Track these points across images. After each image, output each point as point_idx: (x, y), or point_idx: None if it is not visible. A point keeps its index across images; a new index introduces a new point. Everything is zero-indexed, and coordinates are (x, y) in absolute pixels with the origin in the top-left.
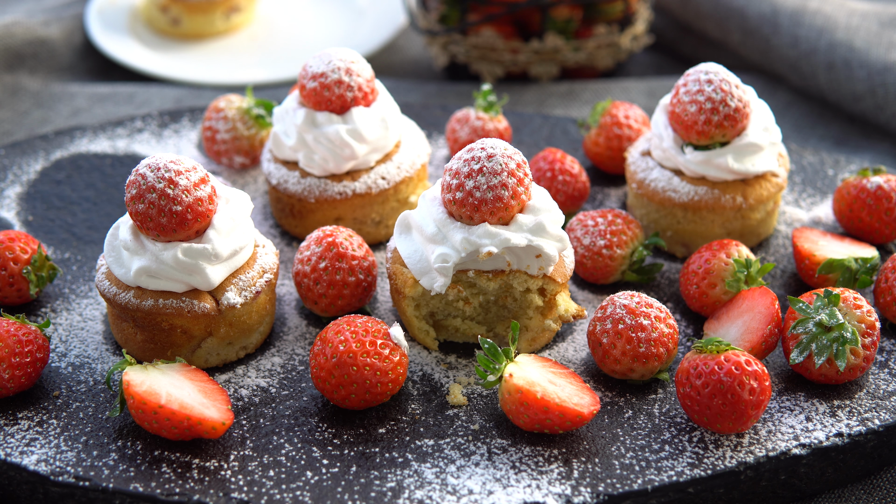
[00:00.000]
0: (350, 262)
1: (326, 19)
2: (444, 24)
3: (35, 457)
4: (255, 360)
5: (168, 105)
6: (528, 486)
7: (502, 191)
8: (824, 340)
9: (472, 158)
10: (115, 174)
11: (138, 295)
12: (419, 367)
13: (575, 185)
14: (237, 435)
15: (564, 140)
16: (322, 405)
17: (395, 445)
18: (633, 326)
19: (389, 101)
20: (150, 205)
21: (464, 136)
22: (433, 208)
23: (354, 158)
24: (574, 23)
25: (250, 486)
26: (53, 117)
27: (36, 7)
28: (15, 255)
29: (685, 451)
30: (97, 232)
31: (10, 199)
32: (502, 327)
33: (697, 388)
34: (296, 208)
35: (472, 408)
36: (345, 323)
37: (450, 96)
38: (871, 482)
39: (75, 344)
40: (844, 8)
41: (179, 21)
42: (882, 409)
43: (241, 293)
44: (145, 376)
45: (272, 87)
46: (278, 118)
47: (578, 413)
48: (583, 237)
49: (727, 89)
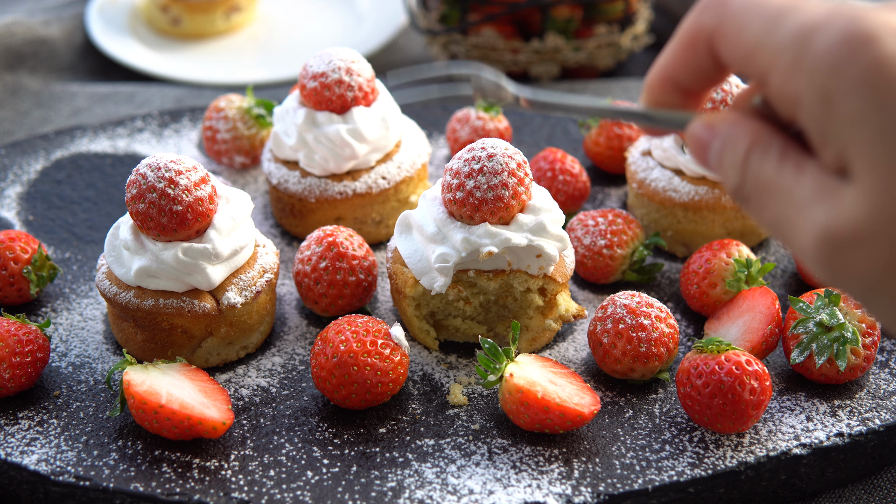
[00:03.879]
0: (350, 261)
1: (327, 19)
2: (444, 24)
3: (35, 456)
4: (256, 360)
5: (168, 105)
6: (529, 486)
7: (503, 190)
8: (825, 340)
9: (472, 158)
10: (116, 174)
11: (138, 295)
12: (419, 366)
13: (575, 184)
14: (237, 435)
15: (565, 140)
16: (322, 405)
17: (395, 445)
18: (634, 326)
19: (390, 101)
20: (151, 204)
21: (464, 135)
22: (433, 208)
23: (355, 158)
24: (574, 22)
25: (251, 486)
26: (54, 117)
27: (36, 7)
28: (15, 254)
29: (686, 450)
30: (97, 232)
31: (11, 199)
32: (503, 327)
33: (698, 388)
34: (296, 208)
35: (473, 408)
36: (345, 323)
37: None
38: (871, 482)
39: (76, 343)
40: None
41: (180, 21)
42: (882, 409)
43: (241, 293)
44: (146, 376)
45: (272, 87)
46: (279, 118)
47: (579, 413)
48: (583, 237)
49: (727, 89)
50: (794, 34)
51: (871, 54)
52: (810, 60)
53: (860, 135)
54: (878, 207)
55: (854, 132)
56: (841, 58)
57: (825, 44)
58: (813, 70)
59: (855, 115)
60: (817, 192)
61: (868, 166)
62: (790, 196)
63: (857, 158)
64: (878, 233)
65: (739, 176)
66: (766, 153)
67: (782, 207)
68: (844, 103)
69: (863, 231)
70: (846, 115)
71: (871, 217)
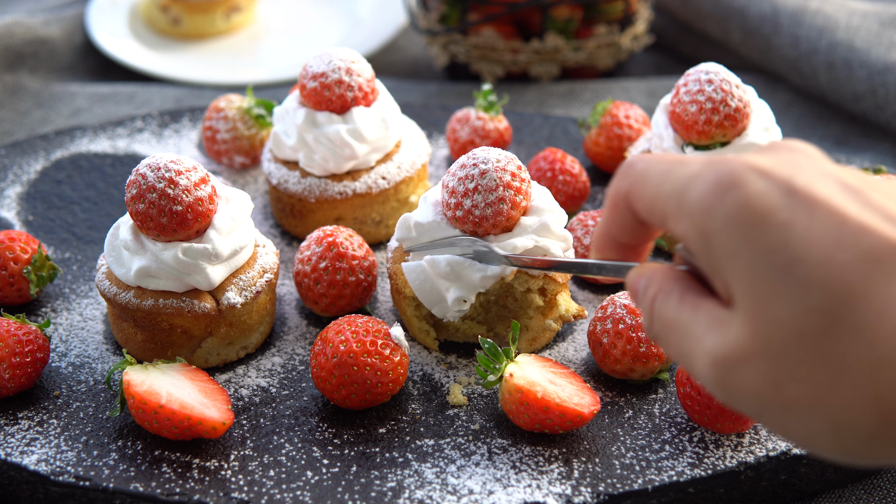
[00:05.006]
0: (350, 261)
1: (327, 19)
2: (444, 24)
3: (35, 457)
4: (256, 360)
5: (168, 105)
6: (529, 486)
7: (501, 205)
8: None
9: (465, 177)
10: (116, 174)
11: (138, 295)
12: (419, 366)
13: (575, 184)
14: (237, 435)
15: (565, 140)
16: (322, 405)
17: (395, 445)
18: (634, 326)
19: (390, 101)
20: (151, 205)
21: (464, 136)
22: (435, 217)
23: (355, 158)
24: (574, 23)
25: (250, 486)
26: (54, 117)
27: (36, 7)
28: (15, 254)
29: (685, 450)
30: (97, 232)
31: (11, 199)
32: (503, 327)
33: (698, 388)
34: (296, 208)
35: (473, 408)
36: (345, 323)
37: (450, 96)
38: (871, 482)
39: (75, 344)
40: (845, 8)
41: (180, 21)
42: None
43: (241, 293)
44: (145, 376)
45: (272, 87)
46: (278, 118)
47: (579, 413)
48: (583, 237)
49: (727, 89)
50: (678, 184)
51: (736, 195)
52: (688, 205)
53: (735, 267)
54: (756, 329)
55: (730, 265)
56: (712, 201)
57: (699, 190)
58: (691, 213)
59: (728, 250)
60: (711, 323)
61: (744, 294)
62: (689, 331)
63: (736, 288)
64: (758, 352)
65: (648, 318)
66: (668, 297)
67: (683, 341)
68: (719, 241)
69: (746, 352)
70: (722, 251)
71: (752, 339)
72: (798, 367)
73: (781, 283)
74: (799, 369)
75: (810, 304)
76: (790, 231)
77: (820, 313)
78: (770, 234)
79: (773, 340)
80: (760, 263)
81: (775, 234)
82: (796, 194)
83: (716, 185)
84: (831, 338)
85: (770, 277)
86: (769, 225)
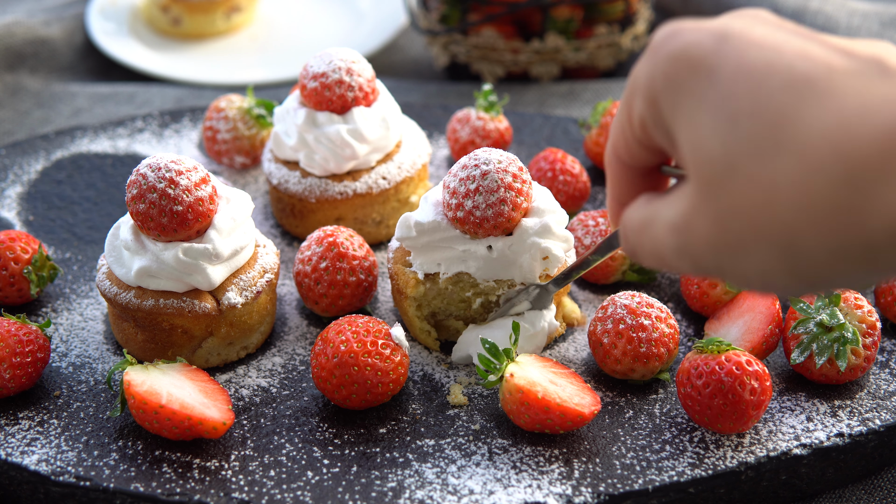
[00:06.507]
0: (351, 262)
1: (327, 19)
2: (444, 24)
3: (36, 457)
4: (256, 360)
5: (169, 105)
6: (529, 486)
7: (502, 206)
8: (825, 340)
9: (467, 178)
10: (116, 174)
11: (139, 295)
12: (420, 367)
13: (576, 185)
14: (238, 435)
15: (565, 140)
16: (323, 405)
17: (395, 445)
18: (634, 326)
19: (390, 101)
20: (151, 205)
21: (465, 136)
22: (437, 217)
23: (355, 158)
24: (575, 23)
25: (251, 486)
26: (54, 117)
27: (36, 7)
28: (16, 254)
29: (686, 451)
30: (98, 232)
31: (11, 199)
32: None
33: (698, 388)
34: (296, 208)
35: (473, 408)
36: (346, 323)
37: (450, 96)
38: (871, 482)
39: (76, 344)
40: (845, 8)
41: (180, 21)
42: (883, 409)
43: (241, 293)
44: (146, 376)
45: (273, 87)
46: (279, 118)
47: (579, 413)
48: (584, 237)
49: None
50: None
51: (669, 49)
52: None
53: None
54: (697, 179)
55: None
56: (651, 64)
57: (642, 60)
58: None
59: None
60: (669, 202)
61: (687, 149)
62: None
63: (683, 147)
64: (701, 196)
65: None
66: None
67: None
68: (663, 103)
69: (694, 204)
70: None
71: (696, 191)
72: (734, 198)
73: (711, 123)
74: (736, 200)
75: (739, 135)
76: (719, 72)
77: (747, 140)
78: (700, 80)
79: (711, 181)
80: (695, 111)
81: (705, 78)
82: (730, 38)
83: (652, 48)
84: (761, 160)
85: (702, 122)
86: (700, 70)
